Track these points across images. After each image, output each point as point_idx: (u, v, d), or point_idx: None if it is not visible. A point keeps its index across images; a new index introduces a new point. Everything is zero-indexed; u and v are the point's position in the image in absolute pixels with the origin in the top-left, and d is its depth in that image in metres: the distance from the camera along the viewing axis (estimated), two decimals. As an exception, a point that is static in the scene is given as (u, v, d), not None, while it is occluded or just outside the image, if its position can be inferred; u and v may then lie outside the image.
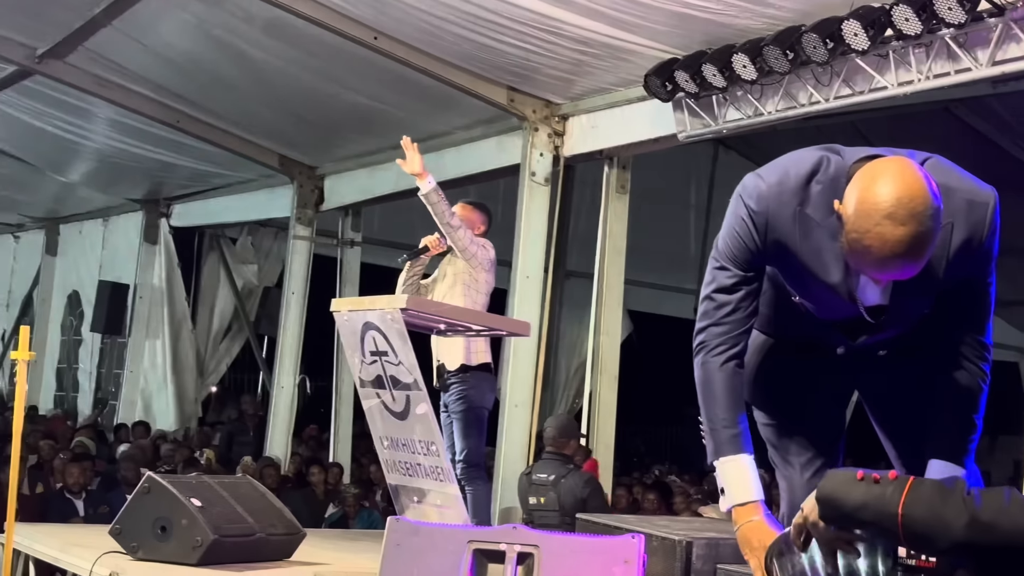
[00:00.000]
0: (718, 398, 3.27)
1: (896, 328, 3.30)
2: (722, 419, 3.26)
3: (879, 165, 2.95)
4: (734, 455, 3.23)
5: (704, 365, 3.30)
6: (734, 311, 3.28)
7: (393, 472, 6.03)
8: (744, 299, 3.28)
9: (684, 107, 8.15)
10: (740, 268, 3.27)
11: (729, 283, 3.28)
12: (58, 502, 9.69)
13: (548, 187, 9.35)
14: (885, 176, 2.88)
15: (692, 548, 4.07)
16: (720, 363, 3.27)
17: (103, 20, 9.95)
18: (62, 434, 13.49)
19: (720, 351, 3.28)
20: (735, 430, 3.24)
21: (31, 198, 17.85)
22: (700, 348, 3.31)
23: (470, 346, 7.03)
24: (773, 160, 3.29)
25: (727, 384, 3.27)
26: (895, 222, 2.80)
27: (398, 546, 4.05)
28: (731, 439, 3.24)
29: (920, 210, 2.82)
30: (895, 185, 2.84)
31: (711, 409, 3.29)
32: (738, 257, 3.26)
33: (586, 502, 7.52)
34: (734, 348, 3.28)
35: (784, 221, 3.16)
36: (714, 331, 3.29)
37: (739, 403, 3.29)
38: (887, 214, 2.81)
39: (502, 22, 8.16)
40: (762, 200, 3.18)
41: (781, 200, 3.16)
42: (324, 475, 11.42)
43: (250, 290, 16.47)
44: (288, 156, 12.60)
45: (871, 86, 7.05)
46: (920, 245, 2.84)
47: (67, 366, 18.18)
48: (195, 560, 4.98)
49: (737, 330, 3.28)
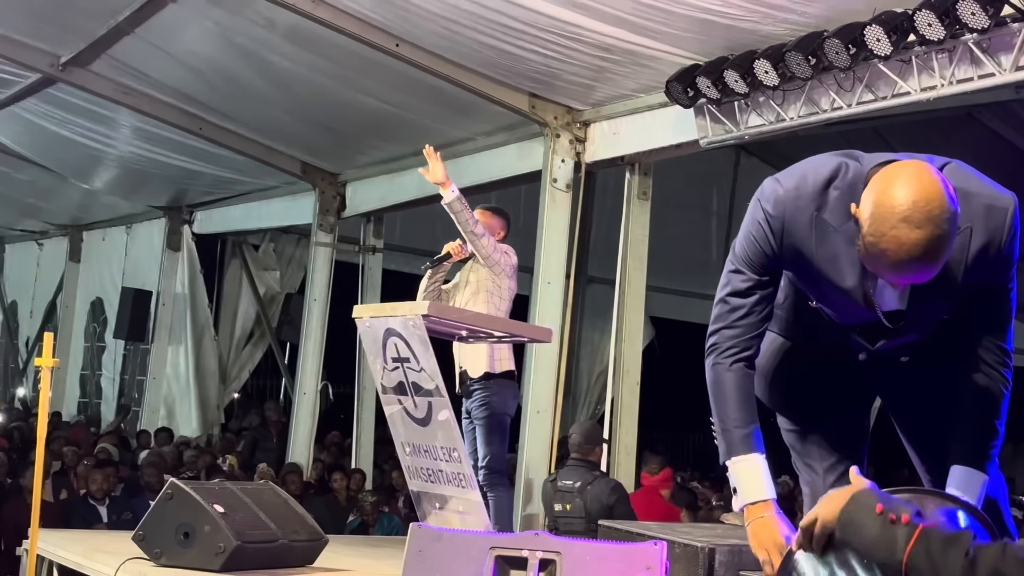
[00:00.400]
0: (729, 399, 3.29)
1: (915, 333, 3.30)
2: (733, 419, 3.27)
3: (896, 169, 2.96)
4: (746, 455, 3.25)
5: (715, 367, 3.32)
6: (747, 315, 3.29)
7: (415, 478, 6.03)
8: (758, 303, 3.29)
9: (706, 113, 8.14)
10: (755, 272, 3.28)
11: (743, 287, 3.30)
12: (82, 508, 9.72)
13: (569, 193, 9.34)
14: (901, 179, 2.89)
15: (715, 555, 4.06)
16: (729, 364, 3.29)
17: (126, 28, 9.99)
18: (85, 440, 13.54)
19: (731, 353, 3.30)
20: (746, 430, 3.26)
21: (55, 205, 17.95)
22: (712, 350, 3.34)
23: (494, 353, 7.03)
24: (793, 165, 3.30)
25: (737, 385, 3.28)
26: (911, 225, 2.81)
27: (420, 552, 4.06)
28: (743, 439, 3.26)
29: (936, 213, 2.82)
30: (911, 188, 2.85)
31: (722, 410, 3.31)
32: (754, 261, 3.27)
33: (612, 509, 7.51)
34: (745, 351, 3.30)
35: (801, 226, 3.17)
36: (726, 334, 3.31)
37: (750, 404, 3.31)
38: (903, 217, 2.82)
39: (524, 29, 8.16)
40: (779, 204, 3.19)
41: (798, 205, 3.17)
42: (346, 481, 11.43)
43: (272, 297, 16.51)
44: (310, 163, 12.62)
45: (894, 91, 7.02)
46: (936, 248, 2.84)
47: (90, 372, 18.25)
48: (218, 566, 4.99)
49: (749, 334, 3.30)
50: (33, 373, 19.25)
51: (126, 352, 17.14)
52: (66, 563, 6.00)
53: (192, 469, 11.72)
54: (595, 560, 3.81)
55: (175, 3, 9.37)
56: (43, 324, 19.48)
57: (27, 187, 16.80)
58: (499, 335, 6.32)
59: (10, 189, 17.17)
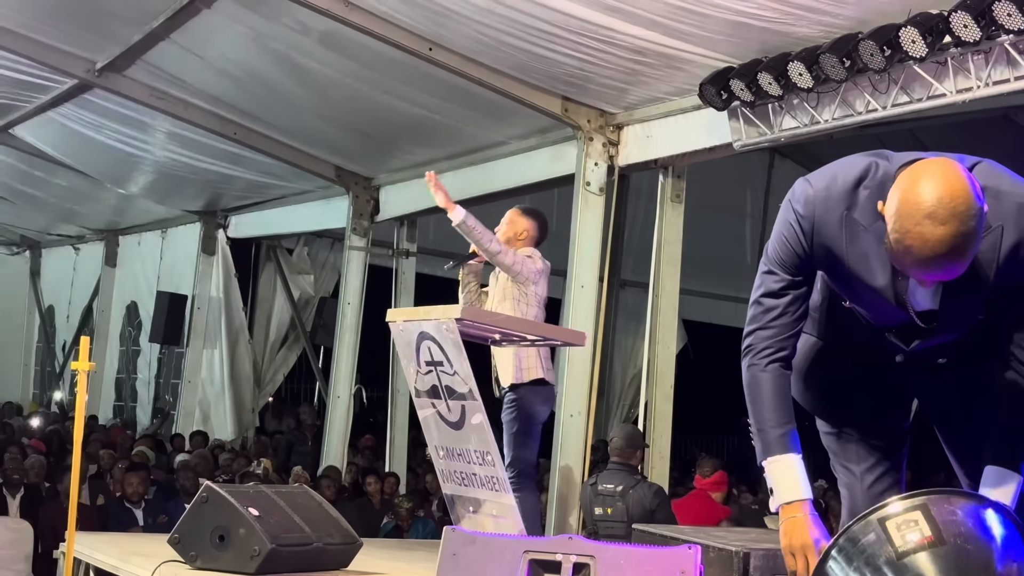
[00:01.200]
0: (765, 399, 3.30)
1: (949, 333, 3.29)
2: (769, 420, 3.29)
3: (921, 166, 2.97)
4: (782, 454, 3.27)
5: (751, 368, 3.34)
6: (781, 315, 3.31)
7: (449, 482, 6.03)
8: (791, 303, 3.31)
9: (739, 116, 8.11)
10: (788, 272, 3.30)
11: (777, 287, 3.32)
12: (118, 511, 9.76)
13: (603, 197, 9.33)
14: (927, 176, 2.90)
15: (750, 559, 4.04)
16: (765, 364, 3.31)
17: (161, 34, 10.05)
18: (121, 444, 13.61)
19: (766, 354, 3.32)
20: (782, 430, 3.28)
21: (91, 210, 18.09)
22: (747, 351, 3.36)
23: (520, 363, 6.98)
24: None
25: (774, 385, 3.30)
26: (936, 221, 2.82)
27: (454, 556, 4.06)
28: (779, 439, 3.28)
29: (961, 209, 2.83)
30: (936, 185, 2.86)
31: (758, 410, 3.32)
32: (786, 261, 3.29)
33: (654, 513, 7.51)
34: (781, 352, 3.32)
35: (831, 226, 3.18)
36: (761, 335, 3.33)
37: (786, 404, 3.32)
38: (928, 213, 2.83)
39: (557, 32, 8.16)
40: (809, 204, 3.21)
41: (828, 205, 3.18)
42: (380, 485, 11.45)
43: (306, 300, 16.57)
44: (344, 167, 12.66)
45: (929, 93, 6.98)
46: (962, 245, 2.84)
47: (125, 376, 18.37)
48: (253, 569, 5.01)
49: (784, 334, 3.32)
50: (70, 377, 19.38)
51: (161, 356, 17.24)
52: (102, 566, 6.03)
53: (227, 472, 11.76)
54: (629, 564, 3.79)
55: (210, 9, 9.42)
56: (79, 328, 19.63)
57: (63, 192, 16.94)
58: (532, 339, 6.32)
59: (47, 194, 17.32)
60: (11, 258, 21.95)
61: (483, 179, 10.95)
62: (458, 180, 11.27)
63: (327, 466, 12.02)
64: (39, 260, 22.02)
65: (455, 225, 6.86)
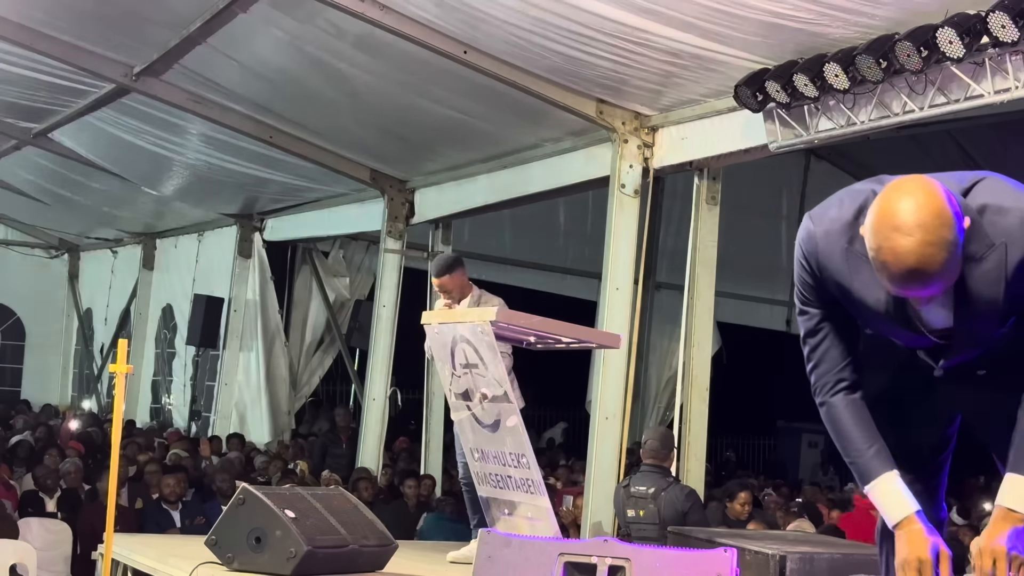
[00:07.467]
0: (845, 430, 3.37)
1: (971, 350, 3.30)
2: (855, 448, 3.35)
3: (893, 183, 3.02)
4: (877, 477, 3.32)
5: (822, 406, 3.42)
6: (828, 349, 3.38)
7: (484, 484, 6.04)
8: (833, 334, 3.38)
9: (775, 117, 8.08)
10: (813, 307, 3.38)
11: (812, 325, 3.40)
12: (155, 513, 9.82)
13: (638, 199, 9.31)
14: (896, 192, 2.95)
15: (786, 562, 4.03)
16: (831, 397, 3.38)
17: (198, 38, 10.10)
18: (158, 446, 13.69)
19: (829, 387, 3.38)
20: (871, 451, 3.33)
21: (128, 213, 18.21)
22: (815, 393, 3.43)
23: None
24: (828, 197, 3.37)
25: (847, 413, 3.36)
26: (902, 233, 2.87)
27: (490, 558, 4.06)
28: (870, 461, 3.33)
29: (927, 220, 2.86)
30: (904, 199, 2.91)
31: (843, 441, 3.38)
32: (809, 298, 3.37)
33: (687, 515, 7.49)
34: (842, 381, 3.38)
35: (835, 260, 3.24)
36: (819, 372, 3.41)
37: (866, 425, 3.36)
38: (894, 226, 2.88)
39: (591, 35, 8.15)
40: (811, 241, 3.29)
41: (829, 239, 3.25)
42: (417, 487, 11.47)
43: (342, 303, 16.62)
44: (379, 170, 12.69)
45: (967, 94, 6.93)
46: (931, 255, 2.87)
47: (161, 379, 18.48)
48: (289, 571, 5.04)
49: (839, 364, 3.38)
50: (108, 379, 19.51)
51: (196, 358, 17.33)
52: (140, 567, 6.08)
53: (263, 475, 11.81)
54: (664, 567, 3.79)
55: (245, 13, 9.46)
56: (117, 331, 19.79)
57: (101, 196, 17.05)
58: (567, 341, 6.32)
59: (85, 198, 17.45)
60: (50, 261, 22.11)
61: (518, 182, 10.96)
62: (492, 183, 11.30)
63: (358, 468, 12.05)
64: (77, 263, 22.20)
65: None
